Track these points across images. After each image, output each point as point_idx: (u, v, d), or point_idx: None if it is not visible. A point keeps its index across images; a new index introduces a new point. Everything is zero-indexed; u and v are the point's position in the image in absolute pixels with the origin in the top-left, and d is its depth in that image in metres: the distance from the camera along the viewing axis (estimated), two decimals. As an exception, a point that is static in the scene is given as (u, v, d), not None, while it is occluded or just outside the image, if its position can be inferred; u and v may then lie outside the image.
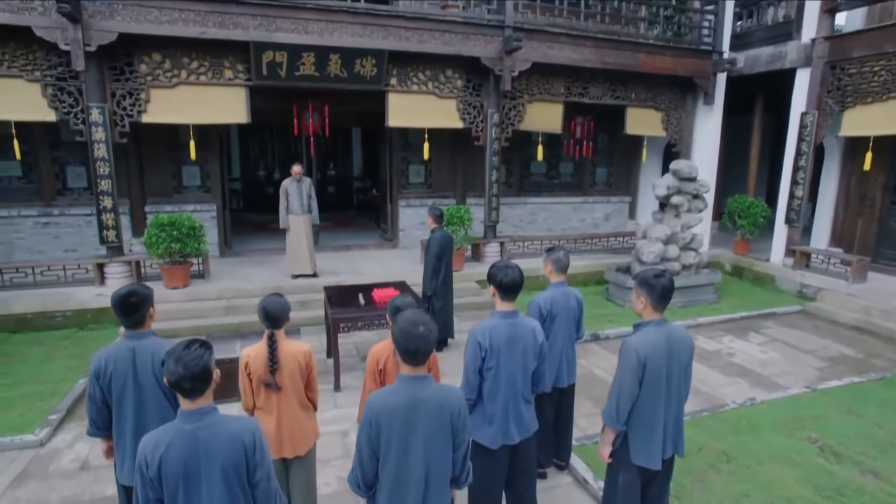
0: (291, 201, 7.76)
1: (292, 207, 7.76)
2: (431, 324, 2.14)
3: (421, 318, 2.13)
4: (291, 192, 7.76)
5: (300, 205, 7.80)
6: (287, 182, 7.79)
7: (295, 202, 7.78)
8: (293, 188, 7.77)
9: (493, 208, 9.13)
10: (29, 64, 6.79)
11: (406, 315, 2.16)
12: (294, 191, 7.77)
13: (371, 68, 7.86)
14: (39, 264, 7.38)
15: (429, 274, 6.02)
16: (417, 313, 2.17)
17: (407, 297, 3.08)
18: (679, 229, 8.18)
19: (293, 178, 7.77)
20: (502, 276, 2.80)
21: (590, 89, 9.46)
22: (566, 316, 3.57)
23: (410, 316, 2.14)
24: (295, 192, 7.77)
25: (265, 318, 2.80)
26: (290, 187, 7.76)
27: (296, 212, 7.77)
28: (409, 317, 2.14)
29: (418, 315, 2.15)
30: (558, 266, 3.59)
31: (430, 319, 2.15)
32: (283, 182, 7.80)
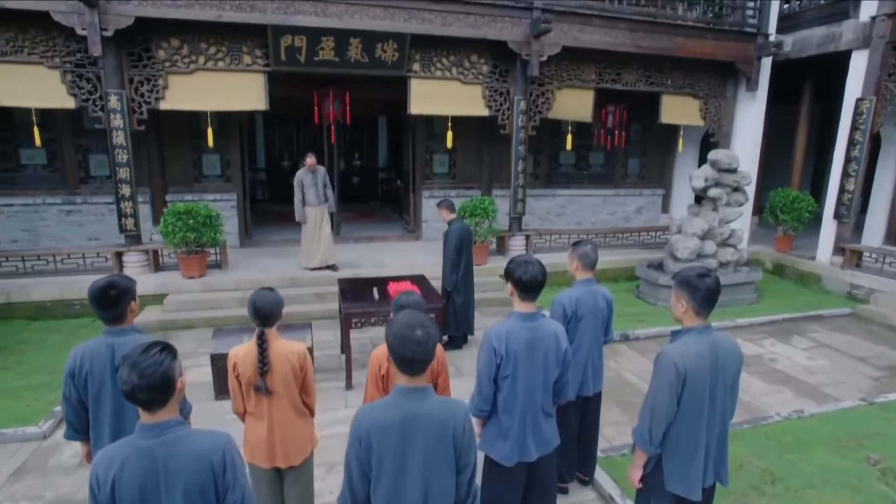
0: (307, 193, 7.51)
1: (308, 199, 7.52)
2: (431, 327, 1.83)
3: (419, 321, 1.83)
4: (307, 184, 7.50)
5: (316, 196, 7.55)
6: (301, 173, 7.52)
7: (311, 193, 7.53)
8: (308, 179, 7.51)
9: (518, 200, 8.75)
10: (49, 50, 6.73)
11: (402, 317, 1.86)
12: (309, 182, 7.51)
13: (393, 53, 7.56)
14: (60, 252, 7.36)
15: (448, 268, 5.73)
16: (415, 315, 1.87)
17: (413, 294, 2.78)
18: (717, 224, 7.67)
19: (307, 169, 7.51)
20: (521, 272, 2.47)
21: (623, 75, 8.96)
22: (593, 317, 3.22)
23: (407, 318, 1.84)
24: (310, 183, 7.51)
25: (254, 315, 2.54)
26: (304, 178, 7.49)
27: (312, 203, 7.53)
28: (405, 319, 1.84)
29: (416, 317, 1.85)
30: (585, 262, 3.23)
31: (430, 322, 1.85)
32: (297, 173, 7.54)
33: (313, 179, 7.52)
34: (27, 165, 8.43)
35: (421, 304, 2.74)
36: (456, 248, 5.67)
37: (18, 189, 8.35)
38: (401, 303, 2.71)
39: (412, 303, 2.71)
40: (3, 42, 6.59)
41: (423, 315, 1.88)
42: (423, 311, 2.73)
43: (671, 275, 7.54)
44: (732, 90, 9.46)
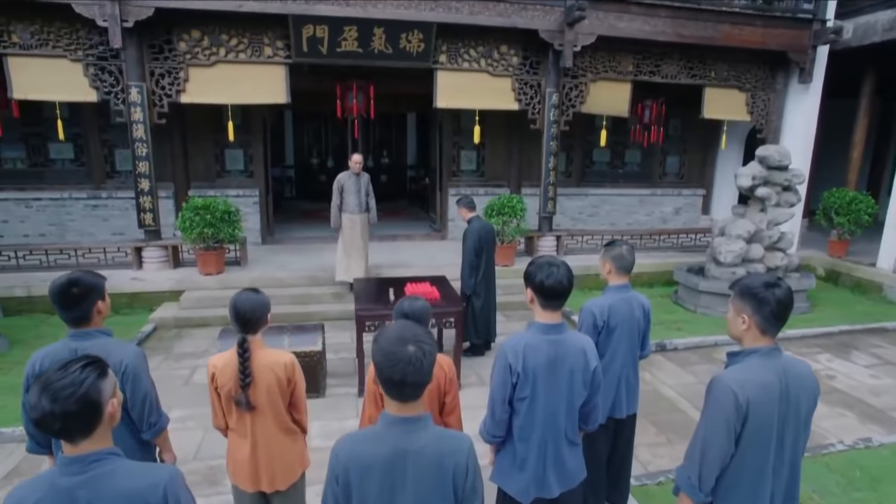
0: (347, 198, 6.69)
1: (348, 205, 6.69)
2: (428, 342, 1.48)
3: (412, 334, 1.48)
4: (347, 188, 6.68)
5: (357, 203, 6.71)
6: (343, 176, 6.71)
7: (351, 199, 6.70)
8: (350, 183, 6.68)
9: (549, 198, 8.32)
10: (72, 43, 6.67)
11: (392, 329, 1.51)
12: (351, 186, 6.68)
13: (418, 43, 7.25)
14: (81, 247, 7.32)
15: (466, 270, 5.31)
16: (408, 327, 1.52)
17: (418, 300, 2.43)
18: (765, 226, 7.06)
19: (351, 172, 6.69)
20: (544, 276, 2.10)
21: (662, 67, 8.41)
22: (628, 328, 2.80)
23: (397, 330, 1.49)
24: (352, 188, 6.68)
25: (235, 320, 2.23)
26: (346, 182, 6.68)
27: (351, 210, 6.71)
28: (395, 332, 1.49)
29: (409, 329, 1.50)
30: (620, 264, 2.82)
31: (426, 336, 1.50)
32: (339, 176, 6.74)
33: (356, 184, 6.72)
34: (55, 160, 8.47)
35: (426, 311, 2.39)
36: (475, 250, 5.25)
37: (47, 184, 8.40)
38: (403, 309, 2.36)
39: (416, 310, 2.36)
40: (29, 35, 6.57)
41: (419, 328, 1.53)
42: (427, 320, 2.40)
43: (713, 280, 7.00)
44: (783, 82, 8.77)
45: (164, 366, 5.36)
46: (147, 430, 2.20)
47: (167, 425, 2.30)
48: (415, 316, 2.33)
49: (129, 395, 2.13)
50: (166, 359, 5.53)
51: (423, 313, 2.37)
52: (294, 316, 6.57)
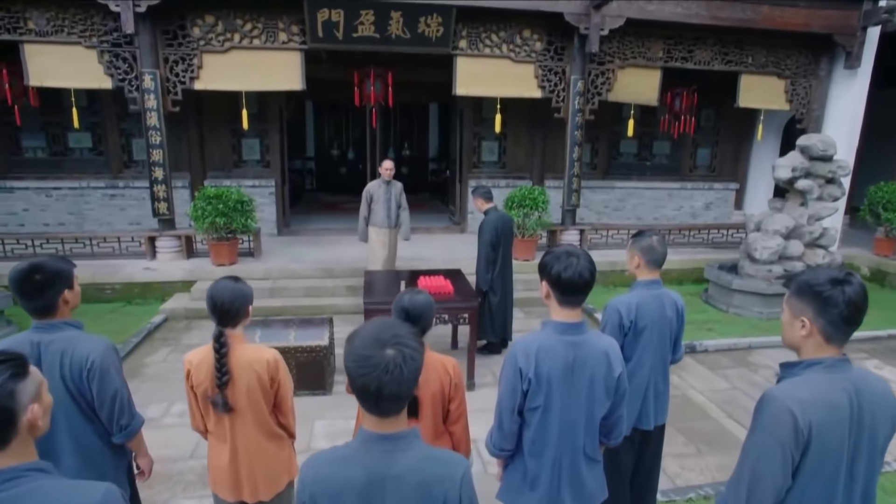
0: (376, 209, 5.98)
1: (376, 218, 6.00)
2: (411, 345, 1.22)
3: (392, 335, 1.21)
4: (377, 198, 5.99)
5: (386, 215, 6.01)
6: (373, 185, 6.05)
7: (381, 211, 5.98)
8: (380, 192, 6.00)
9: (573, 190, 7.96)
10: (87, 30, 6.59)
11: (367, 329, 1.24)
12: (381, 196, 5.99)
13: (437, 27, 6.96)
14: (96, 236, 7.27)
15: (482, 265, 4.98)
16: (387, 326, 1.25)
17: (420, 293, 2.16)
18: (805, 221, 6.60)
19: (381, 180, 6.03)
20: (561, 267, 1.81)
21: (695, 52, 7.95)
22: (658, 330, 2.49)
23: (374, 330, 1.23)
24: (382, 198, 5.98)
25: (212, 311, 2.01)
26: (375, 191, 6.00)
27: (380, 223, 6.01)
28: (370, 332, 1.22)
29: (388, 329, 1.23)
30: (650, 257, 2.51)
31: (410, 338, 1.23)
32: (369, 185, 6.10)
33: (386, 193, 6.02)
34: (74, 149, 8.47)
35: (428, 306, 2.13)
36: (491, 243, 4.91)
37: (66, 173, 8.41)
38: (403, 304, 2.10)
39: (418, 305, 2.09)
40: (45, 22, 6.51)
41: (402, 326, 1.26)
42: (430, 317, 2.13)
43: (747, 278, 6.57)
44: (826, 68, 8.21)
45: (170, 357, 5.22)
46: (118, 434, 2.00)
47: (141, 427, 2.10)
48: (416, 311, 2.07)
49: (95, 394, 1.93)
50: (174, 350, 5.40)
51: (425, 308, 2.11)
52: (306, 308, 6.40)
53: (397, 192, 6.15)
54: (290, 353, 4.32)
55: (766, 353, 5.52)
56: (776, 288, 6.36)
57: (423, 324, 2.09)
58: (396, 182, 6.18)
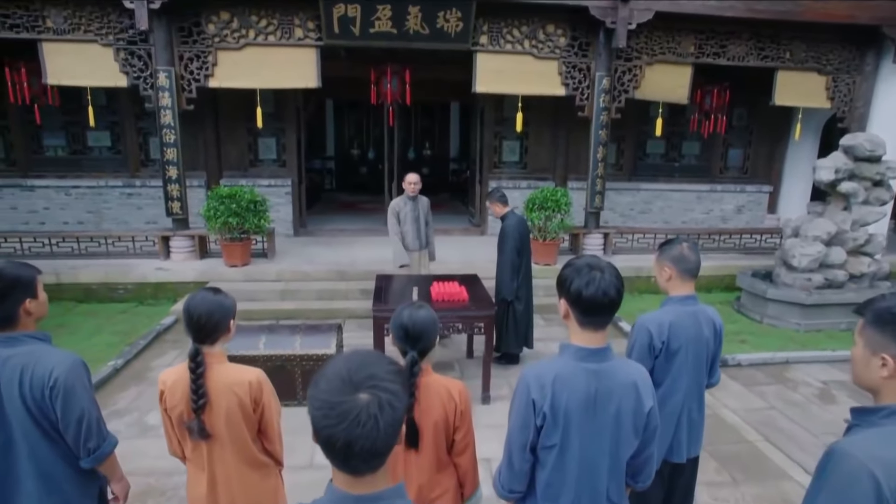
0: (405, 230, 5.35)
1: (406, 239, 5.39)
2: (390, 388, 0.97)
3: (367, 375, 0.96)
4: (404, 216, 5.33)
5: (416, 235, 5.38)
6: (399, 202, 5.37)
7: (410, 232, 5.34)
8: (407, 209, 5.33)
9: (597, 192, 7.63)
10: (103, 27, 6.53)
11: (336, 367, 0.99)
12: (409, 214, 5.32)
13: (456, 23, 6.72)
14: (111, 235, 7.23)
15: (507, 273, 4.70)
16: (362, 362, 0.99)
17: (421, 308, 1.91)
18: (848, 226, 6.16)
19: (406, 196, 5.34)
20: (582, 283, 1.55)
21: (728, 48, 7.54)
22: (694, 352, 2.21)
23: (344, 369, 0.97)
24: (410, 217, 5.33)
25: (187, 326, 1.81)
26: (401, 209, 5.34)
27: (410, 245, 5.38)
28: (339, 372, 0.97)
29: (363, 368, 0.98)
30: (682, 267, 2.22)
31: (390, 378, 0.98)
32: (394, 202, 5.43)
33: (413, 210, 5.35)
34: (93, 148, 8.48)
35: (430, 324, 1.88)
36: (516, 249, 4.66)
37: (85, 171, 8.41)
38: (402, 321, 1.86)
39: (419, 323, 1.85)
40: (62, 20, 6.47)
41: (381, 362, 1.01)
42: (433, 337, 1.89)
43: (784, 287, 6.17)
44: (873, 63, 7.70)
45: (177, 361, 5.02)
46: (86, 458, 1.80)
47: (113, 449, 1.90)
48: (416, 330, 1.83)
49: (59, 415, 1.74)
50: (181, 353, 5.26)
51: (426, 327, 1.86)
52: (318, 312, 6.24)
53: (425, 208, 5.47)
54: (295, 361, 4.13)
55: (805, 368, 5.13)
56: (815, 298, 5.95)
57: (425, 344, 1.85)
58: (422, 197, 5.49)
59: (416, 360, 1.81)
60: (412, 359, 1.80)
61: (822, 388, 4.73)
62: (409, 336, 1.82)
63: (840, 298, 6.02)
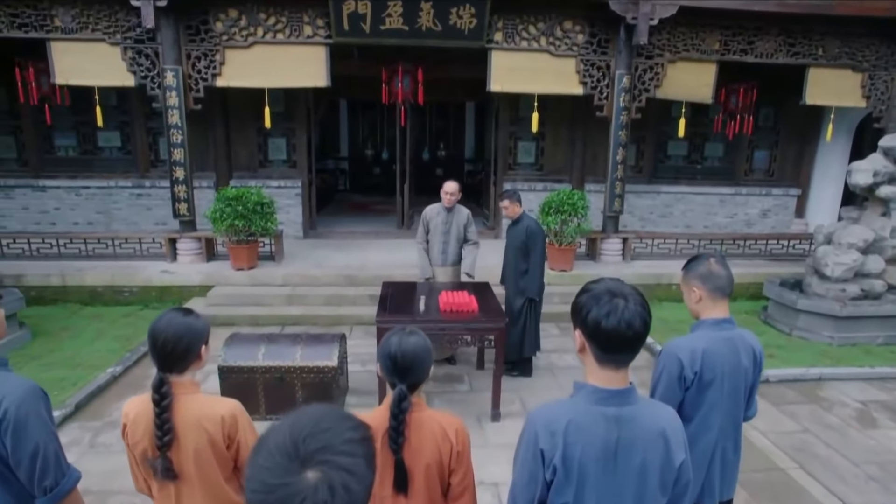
0: (432, 241, 4.89)
1: (431, 253, 4.91)
2: (344, 463, 0.72)
3: (318, 446, 0.72)
4: (433, 227, 4.86)
5: (442, 250, 4.86)
6: (432, 211, 4.88)
7: (436, 245, 4.86)
8: (438, 220, 4.83)
9: (616, 195, 7.33)
10: (111, 26, 6.43)
11: (280, 433, 0.74)
12: (438, 225, 4.83)
13: (470, 19, 6.49)
14: (118, 236, 7.13)
15: (539, 273, 4.65)
16: (314, 424, 0.74)
17: (412, 335, 1.67)
18: (887, 233, 5.79)
19: (442, 205, 4.85)
20: (601, 313, 1.30)
21: (756, 44, 7.18)
22: (731, 384, 1.93)
23: (289, 436, 0.73)
24: (440, 230, 4.83)
25: (152, 352, 1.60)
26: (433, 219, 4.85)
27: (434, 260, 4.91)
28: (283, 439, 0.73)
29: (314, 432, 0.73)
30: (714, 285, 1.95)
31: (349, 448, 0.74)
32: (427, 209, 4.94)
33: (445, 223, 4.84)
34: (103, 148, 8.42)
35: (422, 352, 1.64)
36: (543, 252, 4.70)
37: (96, 172, 8.35)
38: (390, 351, 1.62)
39: (408, 353, 1.61)
40: (70, 19, 6.39)
41: (340, 424, 0.77)
42: (426, 369, 1.65)
43: (816, 298, 5.81)
44: (911, 60, 7.29)
45: (177, 369, 4.92)
46: (41, 497, 1.60)
47: (75, 485, 1.70)
48: (405, 361, 1.60)
49: (10, 450, 1.54)
50: (182, 361, 5.10)
51: (417, 357, 1.62)
52: (325, 318, 6.05)
53: (461, 222, 4.87)
54: (295, 373, 3.93)
55: (841, 386, 4.79)
56: (850, 310, 5.58)
57: (416, 377, 1.62)
58: (462, 208, 4.91)
59: (404, 394, 1.58)
60: (400, 393, 1.57)
61: (861, 410, 4.38)
62: (397, 367, 1.59)
63: (878, 311, 5.65)
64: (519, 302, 4.63)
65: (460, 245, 4.96)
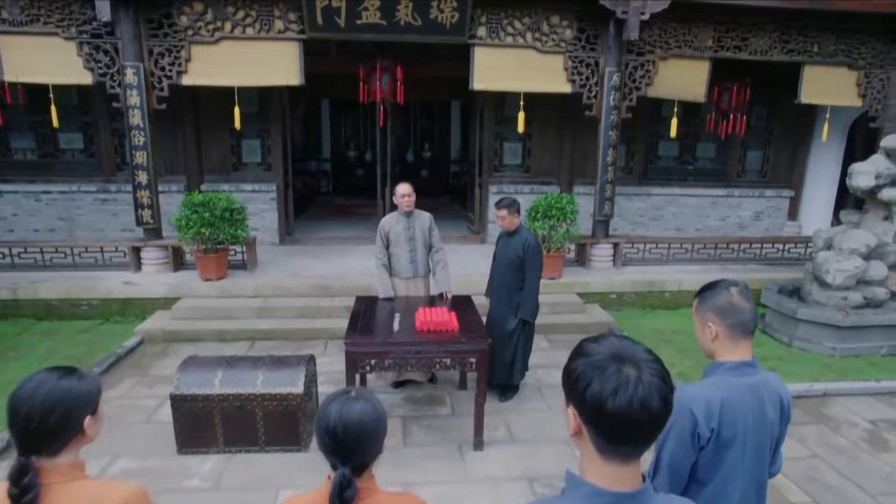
0: (395, 252, 4.40)
1: (396, 263, 4.42)
2: None
3: None
4: (395, 237, 4.37)
5: (410, 260, 4.40)
6: (389, 220, 4.41)
7: (402, 255, 4.38)
8: (398, 230, 4.36)
9: (606, 198, 7.01)
10: (65, 19, 5.98)
11: None
12: (400, 234, 4.36)
13: (451, 13, 6.13)
14: (76, 244, 6.65)
15: (534, 294, 4.25)
16: None
17: (359, 402, 1.29)
18: (890, 238, 5.53)
19: (400, 212, 4.39)
20: (607, 389, 0.93)
21: (750, 41, 6.91)
22: (754, 441, 1.59)
23: None
24: (401, 237, 4.36)
25: (10, 430, 1.22)
26: (392, 227, 4.37)
27: (402, 272, 4.43)
28: None
29: None
30: (733, 320, 1.60)
31: None
32: (383, 220, 4.48)
33: (407, 231, 4.38)
34: (65, 150, 7.93)
35: (371, 425, 1.27)
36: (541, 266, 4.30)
37: (57, 175, 7.86)
38: (328, 422, 1.24)
39: (352, 426, 1.23)
40: (19, 10, 5.93)
41: None
42: (377, 443, 1.27)
43: (817, 307, 5.53)
44: (909, 57, 7.05)
45: (132, 393, 4.50)
46: None
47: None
48: (348, 438, 1.23)
49: None
50: (138, 383, 4.68)
51: (364, 432, 1.25)
52: (298, 332, 5.66)
53: (424, 226, 4.46)
54: (255, 401, 3.54)
55: (848, 403, 4.50)
56: (853, 319, 5.30)
57: (363, 457, 1.25)
58: (422, 213, 4.46)
59: (348, 480, 1.20)
60: (342, 480, 1.20)
61: (871, 430, 4.09)
62: (338, 445, 1.22)
63: (881, 320, 5.38)
64: (512, 323, 4.23)
65: (427, 252, 4.55)
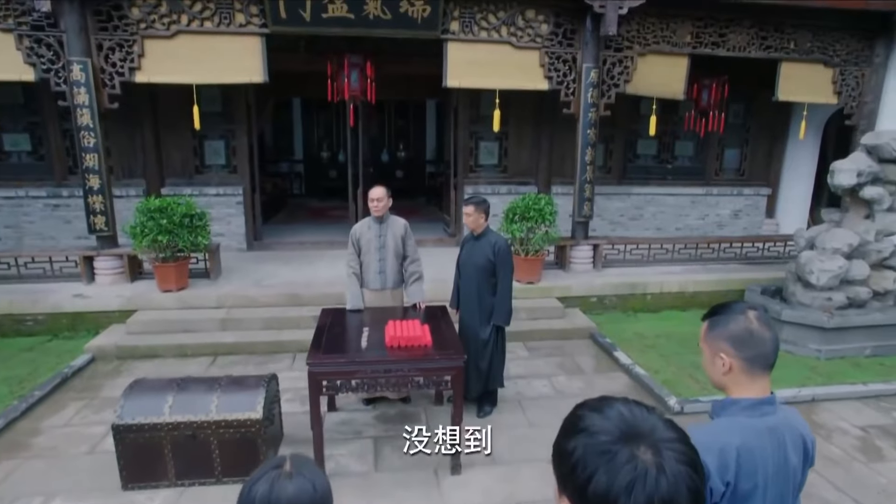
0: (366, 261, 4.12)
1: (367, 274, 4.14)
2: None
3: None
4: (366, 245, 4.09)
5: (379, 271, 4.11)
6: (360, 227, 4.14)
7: (371, 264, 4.10)
8: (369, 237, 4.08)
9: (585, 199, 6.81)
10: (1, 9, 5.50)
11: None
12: (371, 242, 4.08)
13: (422, 7, 5.85)
14: (21, 255, 6.17)
15: (508, 299, 4.03)
16: None
17: (294, 480, 1.00)
18: (871, 237, 5.43)
19: (371, 218, 4.11)
20: (620, 483, 0.67)
21: (728, 37, 6.79)
22: (777, 491, 1.35)
23: None
24: (372, 245, 4.07)
25: None
26: (364, 234, 4.10)
27: (370, 283, 4.15)
28: None
29: None
30: (751, 353, 1.35)
31: None
32: (354, 227, 4.20)
33: (379, 238, 4.08)
34: (11, 152, 7.41)
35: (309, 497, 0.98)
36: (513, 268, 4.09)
37: (2, 179, 7.33)
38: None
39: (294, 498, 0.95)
40: (-49, 1, 5.44)
41: None
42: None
43: (801, 308, 5.40)
44: (883, 54, 7.00)
45: (76, 420, 4.09)
46: None
47: None
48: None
49: None
50: (85, 408, 4.27)
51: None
52: (263, 345, 5.31)
53: (398, 233, 4.12)
54: (209, 428, 3.20)
55: (836, 409, 4.36)
56: (838, 321, 5.19)
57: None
58: (396, 219, 4.15)
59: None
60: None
61: (863, 437, 3.94)
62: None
63: (864, 320, 5.28)
64: (486, 332, 4.00)
65: (400, 262, 4.21)
